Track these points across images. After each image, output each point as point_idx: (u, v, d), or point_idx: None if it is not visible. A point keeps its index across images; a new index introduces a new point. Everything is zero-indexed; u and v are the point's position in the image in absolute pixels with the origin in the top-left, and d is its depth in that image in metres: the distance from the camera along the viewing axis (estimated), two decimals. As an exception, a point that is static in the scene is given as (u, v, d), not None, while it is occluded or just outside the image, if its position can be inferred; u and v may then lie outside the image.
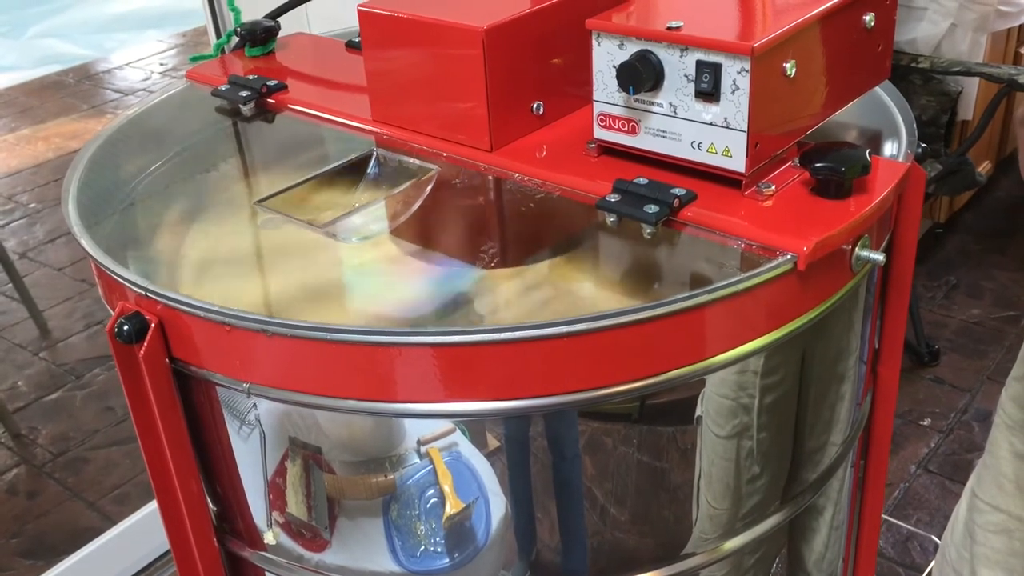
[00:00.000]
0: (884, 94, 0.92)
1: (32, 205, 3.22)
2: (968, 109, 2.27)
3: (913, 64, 1.93)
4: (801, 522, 0.89)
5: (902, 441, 2.00)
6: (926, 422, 2.06)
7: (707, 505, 0.80)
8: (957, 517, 1.07)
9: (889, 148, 0.85)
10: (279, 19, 1.12)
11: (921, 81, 2.07)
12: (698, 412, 0.75)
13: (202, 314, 0.71)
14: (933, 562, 1.17)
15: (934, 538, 1.77)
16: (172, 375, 0.76)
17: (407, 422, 0.74)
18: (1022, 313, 2.37)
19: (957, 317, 2.37)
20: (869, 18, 0.80)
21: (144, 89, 4.20)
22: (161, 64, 4.49)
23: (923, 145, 0.84)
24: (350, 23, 0.98)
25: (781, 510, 0.85)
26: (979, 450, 1.06)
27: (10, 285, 2.55)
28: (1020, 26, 2.25)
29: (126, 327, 0.73)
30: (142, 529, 1.76)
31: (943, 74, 2.00)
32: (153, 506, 1.77)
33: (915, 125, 0.86)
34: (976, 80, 2.19)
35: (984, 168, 2.57)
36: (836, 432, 0.87)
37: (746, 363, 0.74)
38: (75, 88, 4.27)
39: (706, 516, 0.80)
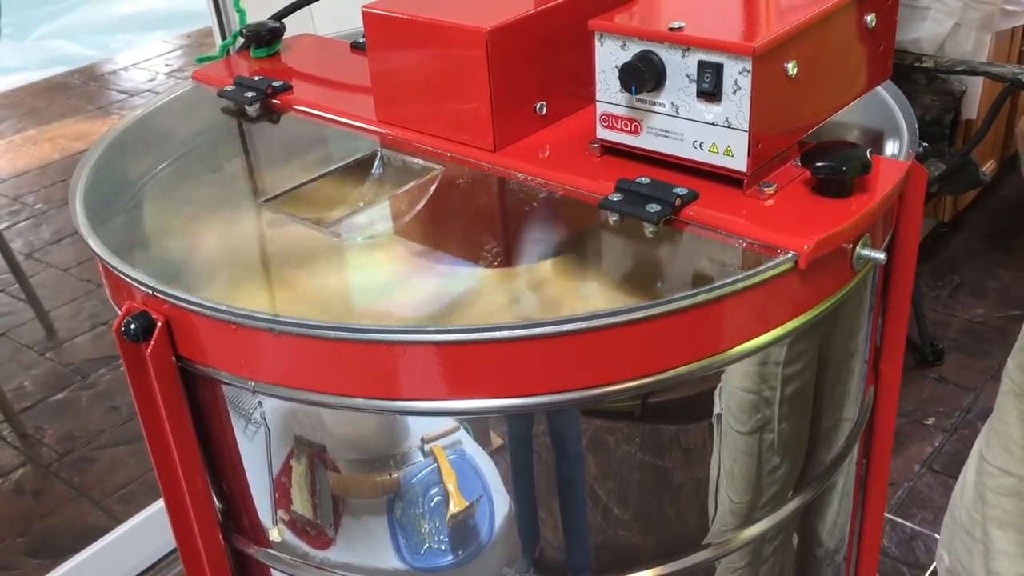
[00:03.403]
0: (886, 93, 0.92)
1: (38, 206, 3.22)
2: (972, 108, 2.27)
3: (917, 63, 1.93)
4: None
5: (906, 440, 2.00)
6: (930, 421, 2.06)
7: (727, 500, 0.80)
8: (965, 481, 1.08)
9: (890, 147, 0.86)
10: (284, 20, 1.13)
11: (925, 80, 2.07)
12: (718, 409, 0.76)
13: (208, 313, 0.72)
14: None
15: (938, 537, 1.76)
16: (178, 373, 0.77)
17: (411, 420, 0.75)
18: (1026, 312, 2.36)
19: (961, 316, 2.37)
20: (870, 18, 0.80)
21: (150, 90, 4.20)
22: (167, 65, 4.49)
23: (925, 144, 0.84)
24: (355, 24, 0.99)
25: (798, 495, 0.85)
26: (983, 449, 1.06)
27: (16, 285, 2.55)
28: (1024, 25, 2.25)
29: (133, 326, 0.74)
30: (148, 528, 1.76)
31: (947, 73, 2.00)
32: (159, 505, 1.78)
33: (916, 124, 0.87)
34: (980, 79, 2.19)
35: (988, 167, 2.57)
36: (844, 421, 0.88)
37: (767, 354, 0.75)
38: (81, 89, 4.28)
39: (727, 511, 0.81)
